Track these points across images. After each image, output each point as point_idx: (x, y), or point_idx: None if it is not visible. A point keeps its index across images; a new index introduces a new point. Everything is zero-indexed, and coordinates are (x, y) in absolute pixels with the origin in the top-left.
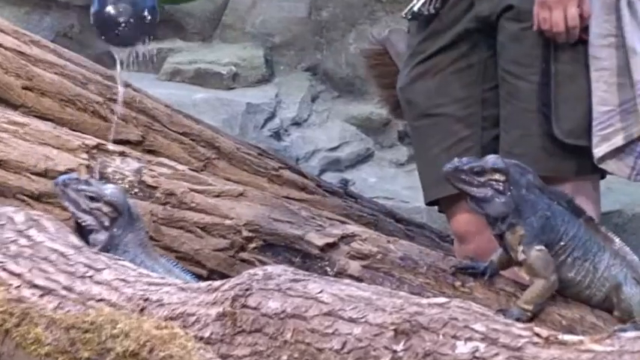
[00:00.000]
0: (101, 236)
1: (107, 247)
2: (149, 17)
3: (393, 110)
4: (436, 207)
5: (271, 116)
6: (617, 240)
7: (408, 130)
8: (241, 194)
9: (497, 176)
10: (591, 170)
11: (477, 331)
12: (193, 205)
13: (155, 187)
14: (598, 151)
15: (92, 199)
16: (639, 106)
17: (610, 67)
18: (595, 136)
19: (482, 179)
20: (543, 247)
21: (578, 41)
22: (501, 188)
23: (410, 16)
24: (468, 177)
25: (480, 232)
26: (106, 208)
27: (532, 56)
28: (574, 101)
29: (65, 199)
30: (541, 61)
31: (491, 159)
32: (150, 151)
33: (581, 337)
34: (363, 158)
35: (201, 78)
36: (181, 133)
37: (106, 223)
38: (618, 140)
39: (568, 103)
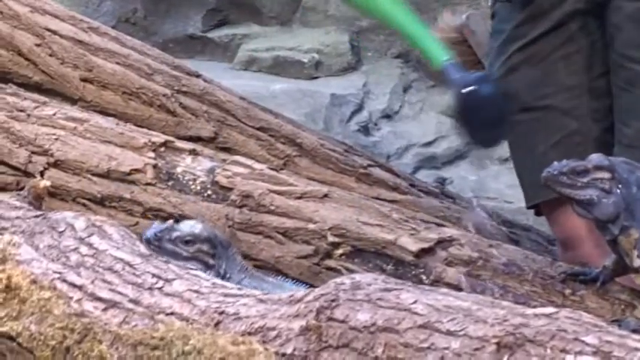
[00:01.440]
0: (213, 275)
1: None
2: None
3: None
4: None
5: (359, 108)
6: None
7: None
8: (326, 195)
9: (602, 174)
10: None
11: (588, 344)
12: (273, 207)
13: (230, 189)
14: None
15: (188, 242)
16: None
17: None
18: None
19: (585, 180)
20: None
21: None
22: (608, 187)
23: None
24: (569, 179)
25: (587, 237)
26: (205, 247)
27: None
28: None
29: (164, 254)
30: None
31: (593, 157)
32: (224, 149)
33: None
34: (462, 154)
35: (280, 67)
36: (258, 129)
37: (211, 262)
38: None
39: None
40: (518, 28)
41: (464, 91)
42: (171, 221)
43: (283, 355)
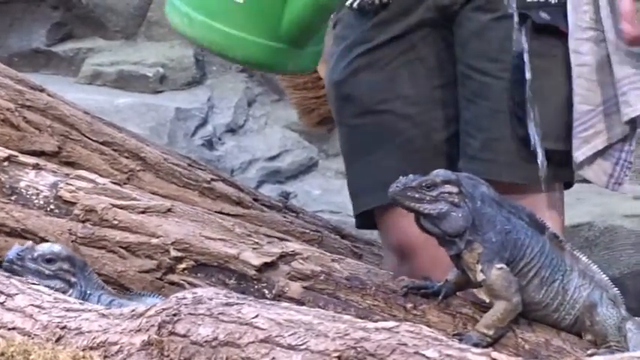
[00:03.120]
0: (75, 294)
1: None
2: None
3: (306, 114)
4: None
5: (203, 123)
6: (583, 258)
7: (342, 132)
8: (169, 210)
9: (450, 189)
10: (563, 178)
11: (428, 358)
12: (116, 222)
13: (73, 203)
14: (578, 155)
15: (50, 260)
16: (621, 105)
17: (590, 63)
18: (575, 138)
19: (434, 193)
20: (504, 266)
21: (555, 33)
22: (456, 200)
23: (357, 6)
24: (418, 193)
25: (424, 246)
26: (65, 265)
27: (503, 50)
28: (550, 100)
29: (28, 274)
30: (513, 56)
31: (440, 171)
32: (67, 163)
33: None
34: (306, 168)
35: (125, 81)
36: (102, 143)
37: (73, 279)
38: (598, 143)
39: (544, 103)
40: (364, 33)
41: None
42: (30, 242)
43: None
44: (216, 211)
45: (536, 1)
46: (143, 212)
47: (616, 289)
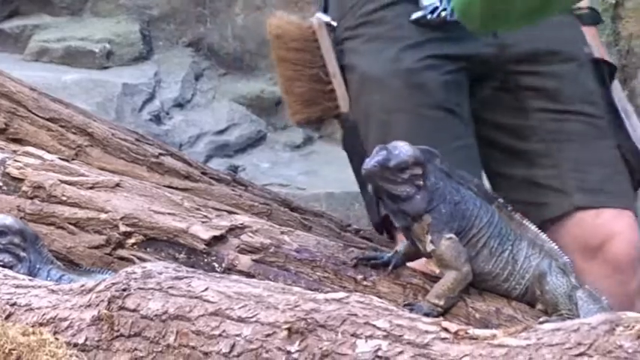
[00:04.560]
0: (22, 269)
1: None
2: None
3: (306, 107)
4: (335, 193)
5: (150, 98)
6: (532, 227)
7: (405, 118)
8: (118, 185)
9: (417, 170)
10: None
11: (379, 328)
12: (64, 198)
13: (21, 180)
14: None
15: (1, 233)
16: None
17: None
18: None
19: (405, 176)
20: (453, 236)
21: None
22: (421, 183)
23: (423, 21)
24: (393, 175)
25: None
26: (17, 239)
27: (595, 92)
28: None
29: None
30: (601, 95)
31: (407, 151)
32: (15, 140)
33: (494, 331)
34: (254, 142)
35: (72, 57)
36: (49, 119)
37: (22, 254)
38: None
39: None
40: (432, 40)
41: None
42: None
43: (75, 345)
44: (164, 186)
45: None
46: (91, 188)
47: (566, 257)
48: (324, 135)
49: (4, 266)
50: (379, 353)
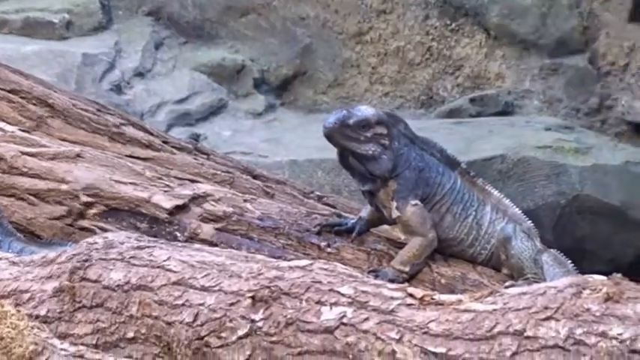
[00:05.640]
0: None
1: None
2: None
3: None
4: (298, 160)
5: (111, 67)
6: (495, 192)
7: None
8: (78, 155)
9: (380, 129)
10: None
11: (343, 295)
12: (25, 169)
13: None
14: None
15: None
16: None
17: None
18: None
19: (368, 134)
20: (419, 202)
21: None
22: (386, 143)
23: None
24: (354, 133)
25: None
26: None
27: None
28: None
29: None
30: None
31: (369, 110)
32: None
33: (459, 296)
34: (216, 110)
35: (31, 28)
36: (9, 91)
37: None
38: None
39: None
40: None
41: None
42: None
43: (37, 317)
44: (126, 155)
45: None
46: (52, 159)
47: (529, 221)
48: (285, 102)
49: None
50: (344, 320)
